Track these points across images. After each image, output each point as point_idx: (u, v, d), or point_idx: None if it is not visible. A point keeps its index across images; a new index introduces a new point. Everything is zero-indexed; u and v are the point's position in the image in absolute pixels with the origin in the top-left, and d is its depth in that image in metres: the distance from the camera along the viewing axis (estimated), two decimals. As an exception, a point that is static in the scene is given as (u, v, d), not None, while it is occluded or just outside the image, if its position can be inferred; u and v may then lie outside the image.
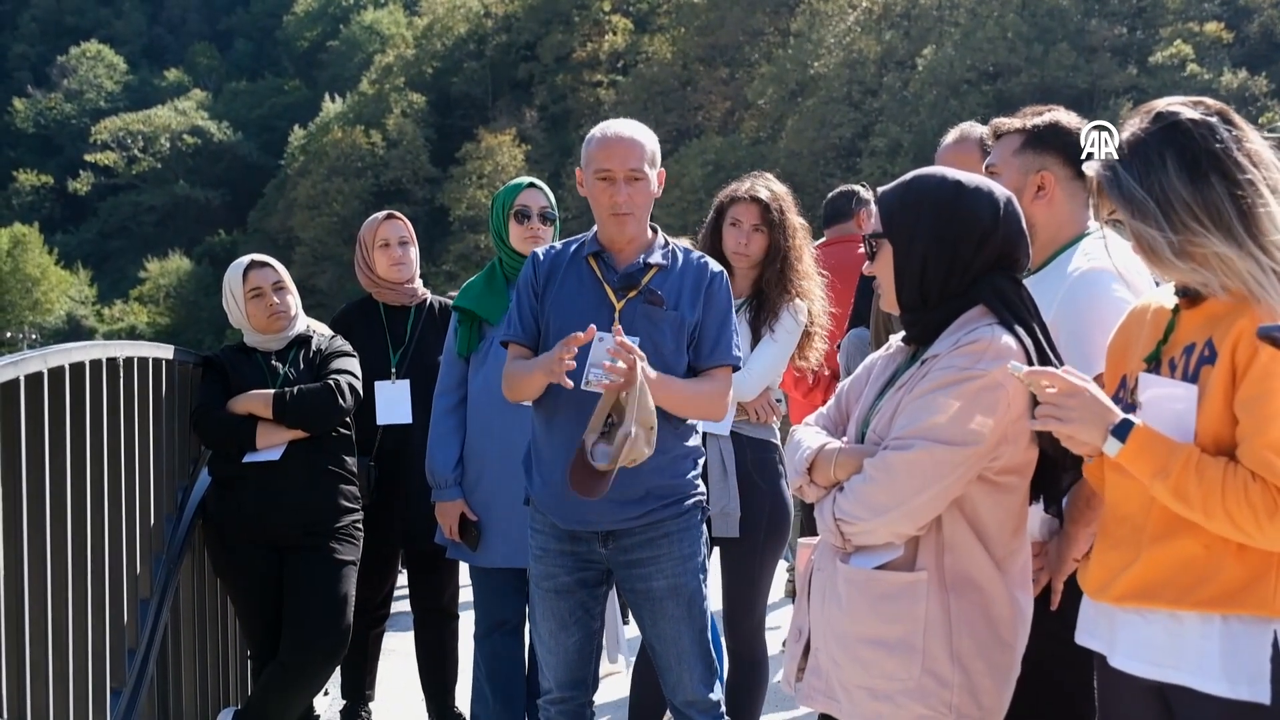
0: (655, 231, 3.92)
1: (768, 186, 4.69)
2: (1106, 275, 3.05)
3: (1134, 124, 2.52)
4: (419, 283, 5.40)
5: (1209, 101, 2.51)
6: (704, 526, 3.88)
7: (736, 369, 3.89)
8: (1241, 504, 2.32)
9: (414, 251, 5.37)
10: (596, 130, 3.89)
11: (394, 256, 5.28)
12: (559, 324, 3.76)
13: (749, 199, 4.64)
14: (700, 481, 3.88)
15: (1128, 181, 2.47)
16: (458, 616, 5.42)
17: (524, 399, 3.84)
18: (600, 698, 4.01)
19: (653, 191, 3.83)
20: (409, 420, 5.17)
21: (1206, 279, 2.43)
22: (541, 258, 3.90)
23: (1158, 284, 2.71)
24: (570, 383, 3.55)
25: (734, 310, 3.92)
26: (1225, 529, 2.35)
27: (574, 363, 3.55)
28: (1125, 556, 2.52)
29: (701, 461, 3.93)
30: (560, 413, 3.76)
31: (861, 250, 6.83)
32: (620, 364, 3.43)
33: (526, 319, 3.85)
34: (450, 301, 5.39)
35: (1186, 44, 51.86)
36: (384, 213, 5.46)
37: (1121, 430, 2.44)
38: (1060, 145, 3.25)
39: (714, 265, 3.92)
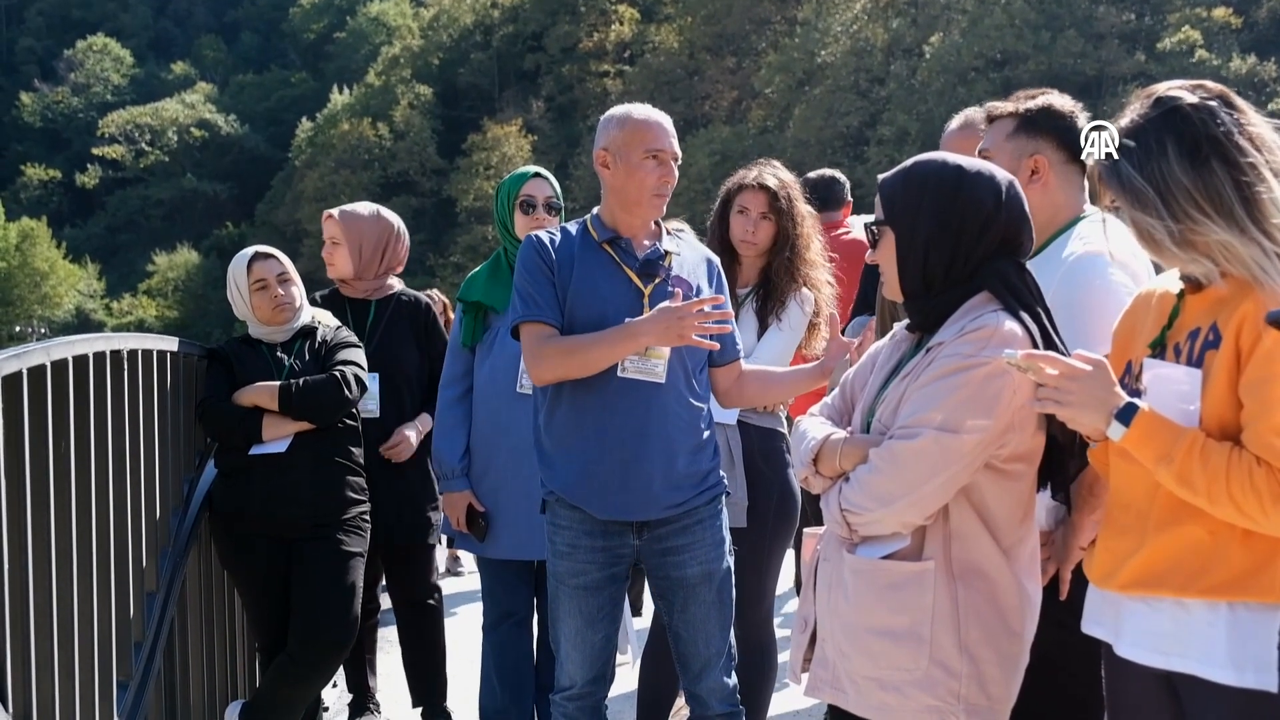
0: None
1: (775, 174, 4.66)
2: (1102, 260, 3.04)
3: (1134, 110, 2.50)
4: (394, 280, 5.39)
5: (1209, 85, 2.49)
6: (724, 512, 3.89)
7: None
8: (1246, 489, 2.30)
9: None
10: (631, 110, 3.84)
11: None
12: (587, 313, 3.71)
13: (756, 186, 4.61)
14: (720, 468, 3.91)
15: (1127, 170, 2.45)
16: (438, 606, 5.42)
17: (571, 376, 3.67)
18: (610, 690, 3.99)
19: None
20: (376, 414, 5.15)
21: (1207, 269, 2.41)
22: (547, 242, 3.80)
23: (1157, 268, 2.69)
24: (708, 343, 3.62)
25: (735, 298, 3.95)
26: (1230, 514, 2.34)
27: (717, 326, 3.61)
28: (1130, 543, 2.50)
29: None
30: (592, 401, 3.70)
31: (851, 236, 6.80)
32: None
33: (550, 298, 3.73)
34: (419, 296, 5.45)
35: (1195, 30, 51.67)
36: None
37: (1125, 414, 2.42)
38: (1053, 129, 3.24)
39: (711, 253, 4.00)
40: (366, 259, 5.28)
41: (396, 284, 5.44)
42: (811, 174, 6.76)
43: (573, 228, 3.87)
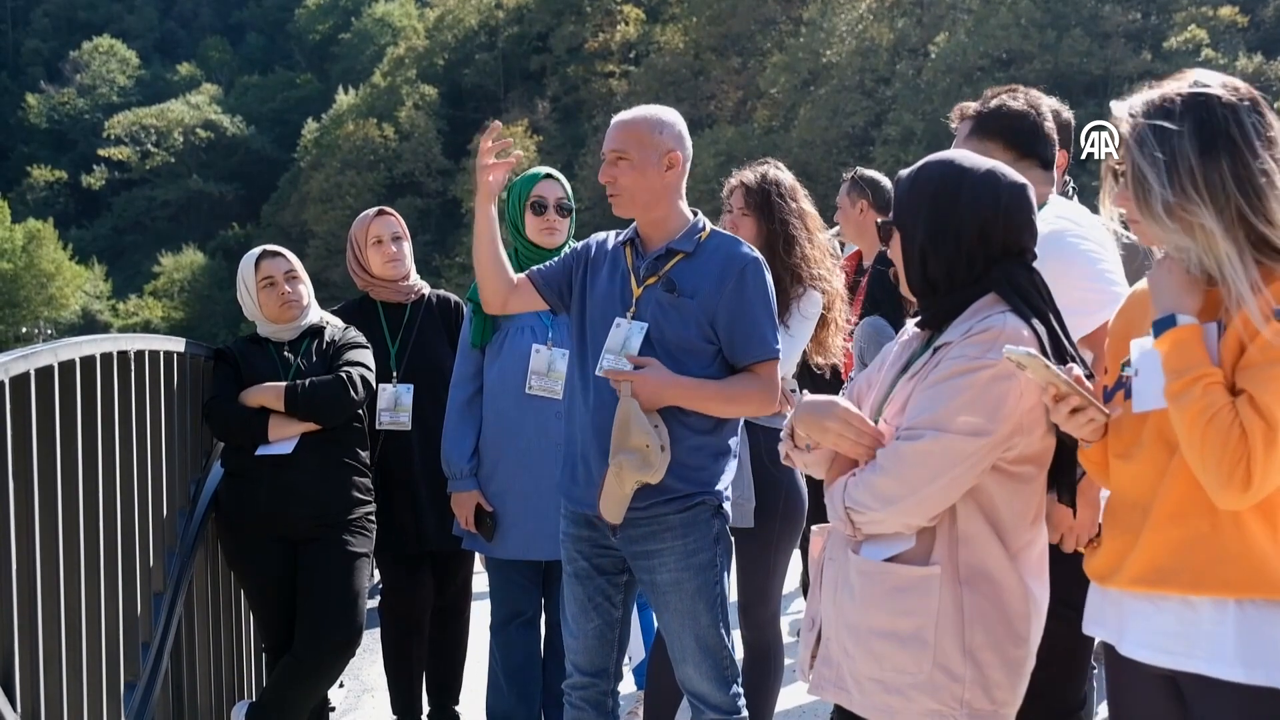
0: (694, 215, 3.84)
1: (761, 171, 4.59)
2: (1066, 233, 3.08)
3: (1169, 86, 2.51)
4: (416, 278, 5.28)
5: (1243, 87, 2.49)
6: (717, 523, 3.76)
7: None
8: (1216, 444, 2.29)
9: (408, 247, 5.25)
10: None
11: (388, 253, 5.15)
12: (591, 311, 3.79)
13: (737, 183, 4.60)
14: (717, 479, 3.75)
15: (1147, 133, 2.46)
16: (462, 613, 5.39)
17: (480, 269, 3.88)
18: (625, 687, 4.00)
19: (642, 174, 3.71)
20: (407, 428, 5.05)
21: (1187, 247, 2.41)
22: (597, 242, 3.92)
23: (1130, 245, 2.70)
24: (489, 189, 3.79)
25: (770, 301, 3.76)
26: (1192, 457, 2.33)
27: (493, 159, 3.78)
28: (1132, 540, 2.50)
29: (726, 457, 3.79)
30: (576, 396, 3.80)
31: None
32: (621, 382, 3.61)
33: (557, 267, 3.91)
34: (450, 295, 5.36)
35: (1201, 29, 51.59)
36: (375, 209, 5.32)
37: (1164, 324, 2.41)
38: (1001, 129, 3.26)
39: (747, 253, 3.74)
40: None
41: (419, 282, 5.32)
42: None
43: (626, 230, 3.91)
